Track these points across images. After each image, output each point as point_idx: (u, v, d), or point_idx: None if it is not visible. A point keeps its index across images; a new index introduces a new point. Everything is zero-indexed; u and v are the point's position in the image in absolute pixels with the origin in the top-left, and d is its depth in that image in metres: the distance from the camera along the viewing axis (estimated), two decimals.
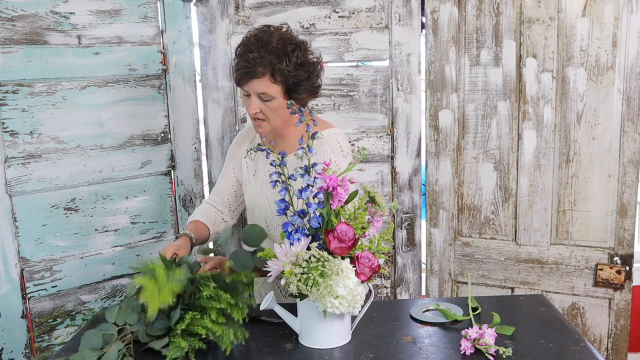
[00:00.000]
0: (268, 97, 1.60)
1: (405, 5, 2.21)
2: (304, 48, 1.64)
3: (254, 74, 1.58)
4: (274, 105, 1.62)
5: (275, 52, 1.57)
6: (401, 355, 1.40)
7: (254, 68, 1.57)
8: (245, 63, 1.58)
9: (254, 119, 1.66)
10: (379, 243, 1.44)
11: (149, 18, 2.17)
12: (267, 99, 1.61)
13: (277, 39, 1.59)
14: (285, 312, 1.48)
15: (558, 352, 1.39)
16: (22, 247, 1.95)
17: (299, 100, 1.65)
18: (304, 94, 1.65)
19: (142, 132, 2.20)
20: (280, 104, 1.62)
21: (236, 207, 1.90)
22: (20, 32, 1.90)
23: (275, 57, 1.57)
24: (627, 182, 2.09)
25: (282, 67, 1.57)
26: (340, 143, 1.72)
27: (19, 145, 1.93)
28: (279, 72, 1.57)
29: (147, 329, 1.44)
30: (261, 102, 1.61)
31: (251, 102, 1.62)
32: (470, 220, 2.33)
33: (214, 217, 1.85)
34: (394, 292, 2.38)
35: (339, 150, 1.70)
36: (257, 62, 1.56)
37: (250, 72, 1.58)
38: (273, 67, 1.57)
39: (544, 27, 2.11)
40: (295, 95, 1.63)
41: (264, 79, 1.58)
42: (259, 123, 1.66)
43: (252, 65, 1.57)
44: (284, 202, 1.45)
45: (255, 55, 1.57)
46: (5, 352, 1.91)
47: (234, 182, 1.87)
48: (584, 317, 2.22)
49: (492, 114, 2.23)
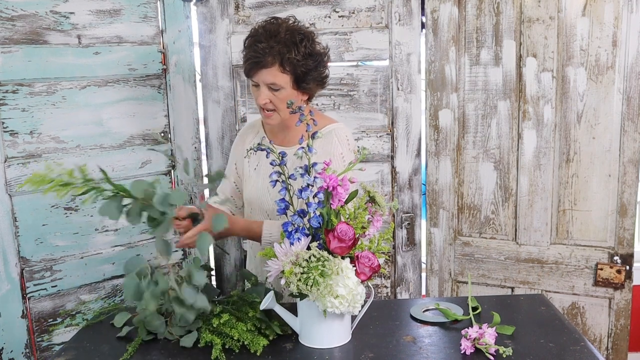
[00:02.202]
0: (277, 86, 1.62)
1: (405, 4, 2.21)
2: (312, 38, 1.66)
3: (263, 64, 1.59)
4: (283, 95, 1.63)
5: (284, 42, 1.59)
6: (401, 354, 1.40)
7: (263, 58, 1.59)
8: (254, 53, 1.60)
9: (264, 110, 1.67)
10: (379, 243, 1.44)
11: (149, 18, 2.17)
12: (276, 88, 1.62)
13: (285, 30, 1.62)
14: (285, 312, 1.48)
15: (558, 352, 1.39)
16: (22, 246, 1.95)
17: (307, 90, 1.67)
18: (312, 83, 1.67)
19: (142, 132, 2.19)
20: (289, 94, 1.64)
21: (242, 204, 1.91)
22: (20, 31, 1.90)
23: (284, 46, 1.59)
24: (627, 182, 2.09)
25: (291, 57, 1.59)
26: (347, 137, 1.74)
27: (19, 145, 1.93)
28: (288, 62, 1.59)
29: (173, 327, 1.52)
30: (270, 92, 1.63)
31: (260, 92, 1.64)
32: (470, 220, 2.32)
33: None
34: (394, 291, 2.38)
35: (346, 143, 1.72)
36: (267, 52, 1.58)
37: (260, 62, 1.60)
38: (282, 56, 1.58)
39: (544, 26, 2.11)
40: (304, 85, 1.65)
41: (273, 69, 1.60)
42: (269, 114, 1.67)
43: (261, 55, 1.59)
44: (284, 201, 1.45)
45: (264, 46, 1.59)
46: (5, 352, 1.91)
47: (236, 179, 1.89)
48: (584, 317, 2.22)
49: (492, 114, 2.22)
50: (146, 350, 1.48)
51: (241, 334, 1.44)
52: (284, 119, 1.69)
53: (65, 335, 2.02)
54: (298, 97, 1.66)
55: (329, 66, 1.73)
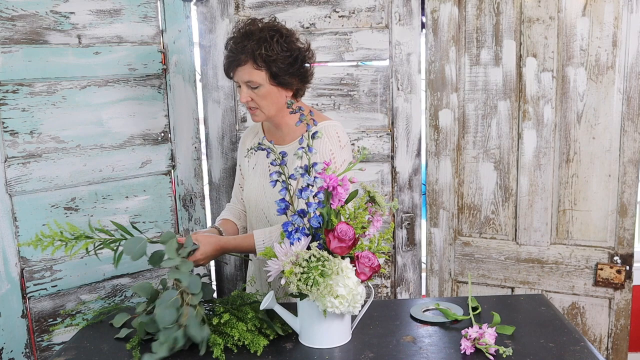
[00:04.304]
0: (255, 84, 1.67)
1: (405, 4, 2.21)
2: (286, 34, 1.70)
3: (237, 62, 1.67)
4: (262, 92, 1.68)
5: (257, 39, 1.65)
6: (401, 355, 1.40)
7: (237, 56, 1.66)
8: (230, 53, 1.69)
9: (248, 108, 1.73)
10: (379, 243, 1.44)
11: (149, 18, 2.17)
12: (254, 86, 1.68)
13: (260, 29, 1.68)
14: (285, 311, 1.48)
15: (558, 352, 1.39)
16: (22, 246, 1.95)
17: (288, 86, 1.71)
18: (290, 78, 1.70)
19: (142, 131, 2.19)
20: (268, 91, 1.68)
21: None
22: (20, 31, 1.90)
23: (256, 43, 1.65)
24: (627, 182, 2.09)
25: (262, 52, 1.64)
26: (338, 134, 1.74)
27: (19, 144, 1.93)
28: (259, 57, 1.64)
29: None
30: (250, 90, 1.69)
31: (240, 91, 1.71)
32: (471, 220, 2.33)
33: (238, 213, 1.97)
34: (394, 291, 2.37)
35: (336, 140, 1.72)
36: (239, 50, 1.65)
37: (234, 61, 1.67)
38: (253, 52, 1.64)
39: (544, 26, 2.11)
40: (282, 80, 1.68)
41: (247, 66, 1.66)
42: (253, 112, 1.74)
43: (234, 54, 1.67)
44: (284, 201, 1.45)
45: (239, 45, 1.66)
46: (5, 352, 1.91)
47: (241, 181, 1.97)
48: (584, 317, 2.22)
49: (492, 114, 2.22)
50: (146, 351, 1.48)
51: (241, 334, 1.44)
52: (270, 116, 1.74)
53: (65, 335, 2.02)
54: (280, 94, 1.71)
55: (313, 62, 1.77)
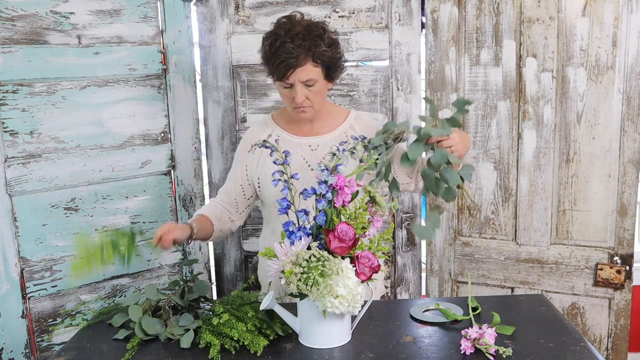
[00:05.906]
0: (312, 82, 1.65)
1: (405, 5, 2.21)
2: (326, 28, 1.70)
3: (296, 63, 1.61)
4: (317, 88, 1.67)
5: (309, 37, 1.62)
6: (401, 355, 1.40)
7: (295, 57, 1.61)
8: (286, 55, 1.61)
9: (300, 107, 1.68)
10: (379, 243, 1.44)
11: (149, 18, 2.17)
12: (311, 84, 1.66)
13: (304, 26, 1.65)
14: (285, 312, 1.48)
15: (558, 352, 1.39)
16: (22, 246, 1.94)
17: (335, 77, 1.73)
18: (337, 71, 1.73)
19: (142, 132, 2.19)
20: (322, 86, 1.69)
21: (244, 208, 1.85)
22: (20, 31, 1.90)
23: (311, 41, 1.62)
24: (627, 182, 2.09)
25: (320, 49, 1.63)
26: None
27: (19, 145, 1.93)
28: (318, 55, 1.63)
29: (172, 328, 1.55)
30: (305, 89, 1.66)
31: (296, 92, 1.65)
32: (470, 220, 2.33)
33: (220, 214, 1.81)
34: (394, 291, 2.37)
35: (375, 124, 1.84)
36: (297, 50, 1.61)
37: (293, 63, 1.61)
38: (313, 51, 1.62)
39: (544, 26, 2.11)
40: (333, 73, 1.71)
41: (308, 65, 1.63)
42: (304, 109, 1.70)
43: (291, 55, 1.61)
44: (285, 201, 1.45)
45: (293, 45, 1.61)
46: (5, 352, 1.91)
47: (244, 182, 1.83)
48: (584, 317, 2.22)
49: (492, 114, 2.23)
50: (146, 351, 1.48)
51: (241, 334, 1.44)
52: (318, 111, 1.73)
53: (65, 335, 2.02)
54: (327, 86, 1.73)
55: None
